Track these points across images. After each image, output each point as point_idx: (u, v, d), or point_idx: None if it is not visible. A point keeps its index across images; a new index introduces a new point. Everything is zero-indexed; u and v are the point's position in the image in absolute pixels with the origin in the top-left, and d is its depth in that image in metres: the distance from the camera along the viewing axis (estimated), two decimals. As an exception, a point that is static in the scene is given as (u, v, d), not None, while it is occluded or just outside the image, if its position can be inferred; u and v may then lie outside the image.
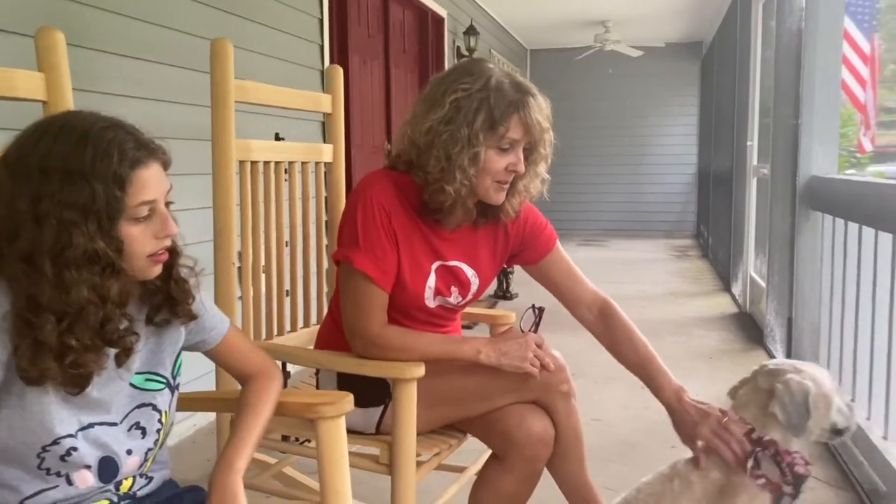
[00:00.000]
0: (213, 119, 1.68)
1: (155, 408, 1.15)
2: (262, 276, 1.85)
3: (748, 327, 4.58)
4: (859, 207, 2.65)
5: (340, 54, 4.33)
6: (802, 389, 1.37)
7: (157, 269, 1.09)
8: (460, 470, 1.95)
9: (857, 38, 6.45)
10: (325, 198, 2.05)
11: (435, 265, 1.62)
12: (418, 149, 1.53)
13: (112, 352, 1.06)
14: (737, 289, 5.43)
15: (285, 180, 1.92)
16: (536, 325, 1.63)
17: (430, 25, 5.95)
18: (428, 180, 1.53)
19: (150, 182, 1.03)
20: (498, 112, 1.48)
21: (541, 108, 1.52)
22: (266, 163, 1.85)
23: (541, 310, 1.64)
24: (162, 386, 1.16)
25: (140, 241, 1.03)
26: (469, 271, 1.67)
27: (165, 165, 1.08)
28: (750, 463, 1.35)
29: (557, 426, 1.61)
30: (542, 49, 10.56)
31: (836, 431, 1.42)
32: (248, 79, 1.76)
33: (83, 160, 0.97)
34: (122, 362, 1.08)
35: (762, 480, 1.34)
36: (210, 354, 1.29)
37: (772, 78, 3.90)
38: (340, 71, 2.05)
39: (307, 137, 3.61)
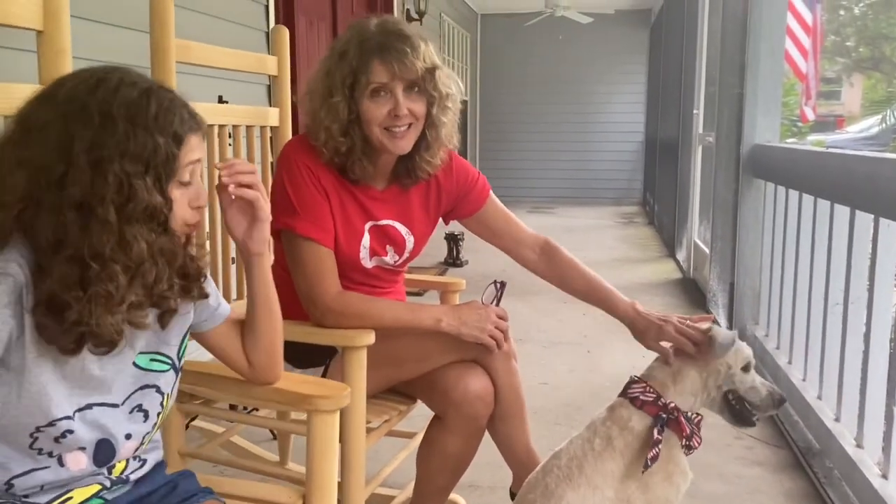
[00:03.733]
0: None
1: (158, 390, 1.09)
2: (207, 244, 1.80)
3: (692, 292, 4.69)
4: (800, 175, 2.72)
5: (286, 15, 4.21)
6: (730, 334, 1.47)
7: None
8: (410, 436, 1.96)
9: (800, 8, 6.56)
10: (272, 163, 2.00)
11: (367, 225, 1.63)
12: (308, 113, 1.58)
13: (152, 314, 1.03)
14: (681, 255, 5.54)
15: (229, 144, 1.87)
16: (498, 299, 1.63)
17: (379, -13, 5.84)
18: (320, 141, 1.55)
19: (196, 148, 1.01)
20: (356, 62, 1.50)
21: (407, 50, 1.49)
22: (209, 126, 1.79)
23: (502, 284, 1.64)
24: (167, 367, 1.10)
25: (181, 206, 1.00)
26: (403, 229, 1.68)
27: (203, 139, 1.06)
28: (656, 429, 1.39)
29: (497, 385, 1.62)
30: (492, 14, 10.46)
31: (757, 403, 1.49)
32: (189, 39, 1.70)
33: (148, 112, 0.95)
34: (165, 323, 1.05)
35: (658, 448, 1.38)
36: (208, 336, 1.21)
37: (718, 47, 3.94)
38: (286, 32, 2.00)
39: (252, 101, 3.52)
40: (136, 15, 2.14)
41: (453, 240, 5.47)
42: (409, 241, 1.69)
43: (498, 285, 1.64)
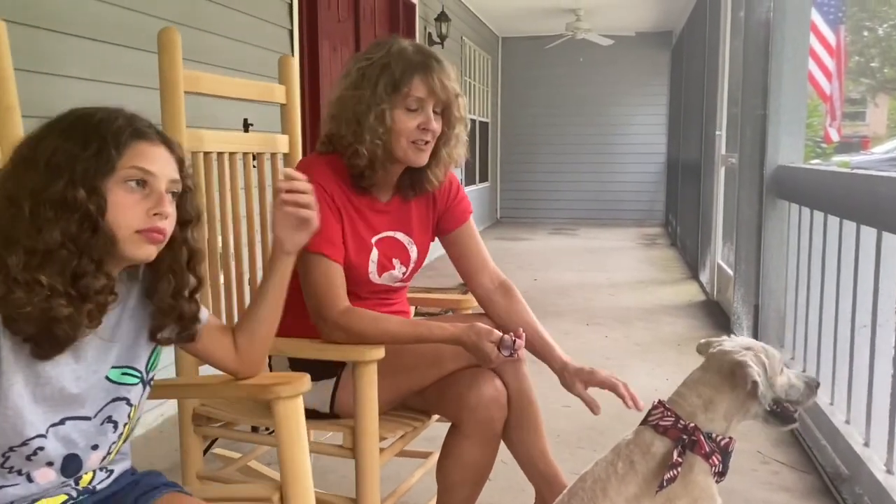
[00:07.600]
0: (163, 110, 1.62)
1: (128, 402, 1.12)
2: (218, 264, 1.82)
3: (716, 314, 4.63)
4: (825, 196, 2.69)
5: (311, 40, 4.27)
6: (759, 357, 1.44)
7: (149, 250, 1.04)
8: (426, 455, 1.95)
9: (824, 29, 6.54)
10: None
11: (374, 239, 1.68)
12: (335, 119, 1.62)
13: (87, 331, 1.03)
14: (704, 277, 5.49)
15: (254, 167, 1.89)
16: (512, 350, 1.57)
17: (401, 11, 5.90)
18: (344, 145, 1.60)
19: (150, 154, 1.04)
20: (398, 73, 1.57)
21: (445, 72, 1.60)
22: (220, 154, 1.80)
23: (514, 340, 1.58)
24: (136, 381, 1.13)
25: (129, 210, 1.01)
26: (405, 239, 1.73)
27: (178, 160, 1.08)
28: (676, 451, 1.38)
29: (508, 389, 1.64)
30: (513, 37, 10.54)
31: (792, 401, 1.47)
32: (215, 64, 1.72)
33: (91, 119, 1.02)
34: (93, 318, 1.02)
35: (676, 470, 1.36)
36: (191, 347, 1.25)
37: (740, 68, 3.93)
38: (293, 60, 2.04)
39: (276, 124, 3.56)
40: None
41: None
42: (413, 251, 1.75)
43: (512, 339, 1.57)
